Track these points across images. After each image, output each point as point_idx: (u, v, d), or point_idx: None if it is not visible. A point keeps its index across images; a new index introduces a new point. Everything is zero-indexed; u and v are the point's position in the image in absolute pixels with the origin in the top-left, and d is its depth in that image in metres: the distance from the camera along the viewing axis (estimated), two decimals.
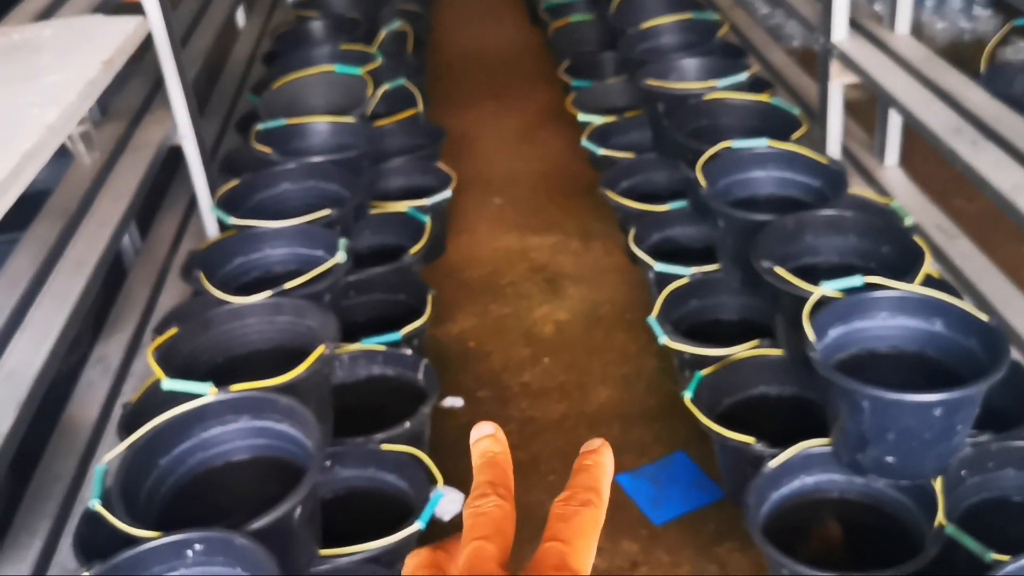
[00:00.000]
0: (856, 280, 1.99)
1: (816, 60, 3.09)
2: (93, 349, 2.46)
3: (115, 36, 1.88)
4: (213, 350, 2.09)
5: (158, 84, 2.80)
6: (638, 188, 3.12)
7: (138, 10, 2.49)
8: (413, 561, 0.54)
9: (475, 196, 3.57)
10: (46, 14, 2.32)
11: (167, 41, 2.48)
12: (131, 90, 2.82)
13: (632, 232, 2.78)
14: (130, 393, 2.28)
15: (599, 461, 0.55)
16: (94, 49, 1.82)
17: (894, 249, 2.18)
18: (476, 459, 0.57)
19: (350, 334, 2.39)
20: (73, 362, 2.43)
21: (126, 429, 2.03)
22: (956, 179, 2.48)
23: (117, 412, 2.20)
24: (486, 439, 0.58)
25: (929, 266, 2.11)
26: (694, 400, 2.13)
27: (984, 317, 1.86)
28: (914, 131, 2.59)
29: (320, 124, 2.93)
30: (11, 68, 1.77)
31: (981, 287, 2.41)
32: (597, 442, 0.57)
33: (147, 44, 2.46)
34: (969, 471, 1.89)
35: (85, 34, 1.92)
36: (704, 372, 2.21)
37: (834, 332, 1.96)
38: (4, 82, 1.72)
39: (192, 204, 3.01)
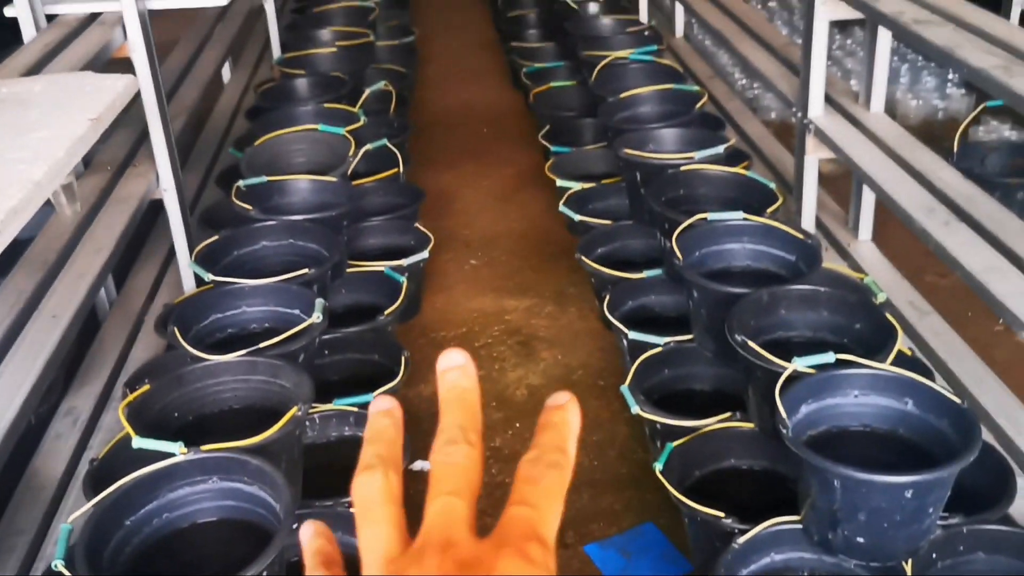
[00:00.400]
0: (828, 357, 2.00)
1: (792, 132, 3.15)
2: (63, 400, 2.45)
3: (105, 94, 1.89)
4: (185, 407, 2.08)
5: (142, 136, 2.81)
6: (614, 255, 3.15)
7: (128, 66, 2.52)
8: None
9: (452, 256, 3.59)
10: (36, 68, 2.34)
11: (154, 97, 2.50)
12: (115, 142, 2.82)
13: (607, 299, 2.79)
14: (98, 447, 2.26)
15: (566, 419, 0.52)
16: (83, 106, 1.83)
17: (867, 326, 2.21)
18: (444, 393, 0.53)
19: (322, 393, 2.38)
20: (42, 413, 2.41)
21: (93, 485, 2.01)
22: (927, 254, 2.52)
23: (84, 467, 2.18)
24: (455, 371, 0.53)
25: (901, 344, 2.13)
26: (664, 471, 2.14)
27: (956, 399, 1.88)
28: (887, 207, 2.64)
29: (301, 182, 2.95)
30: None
31: (952, 365, 2.44)
32: (564, 396, 0.52)
33: (134, 96, 2.47)
34: (940, 554, 1.89)
35: (75, 90, 1.94)
36: (676, 443, 2.21)
37: (806, 408, 1.98)
38: None
39: (169, 256, 3.01)
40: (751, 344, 2.08)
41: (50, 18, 2.76)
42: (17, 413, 1.83)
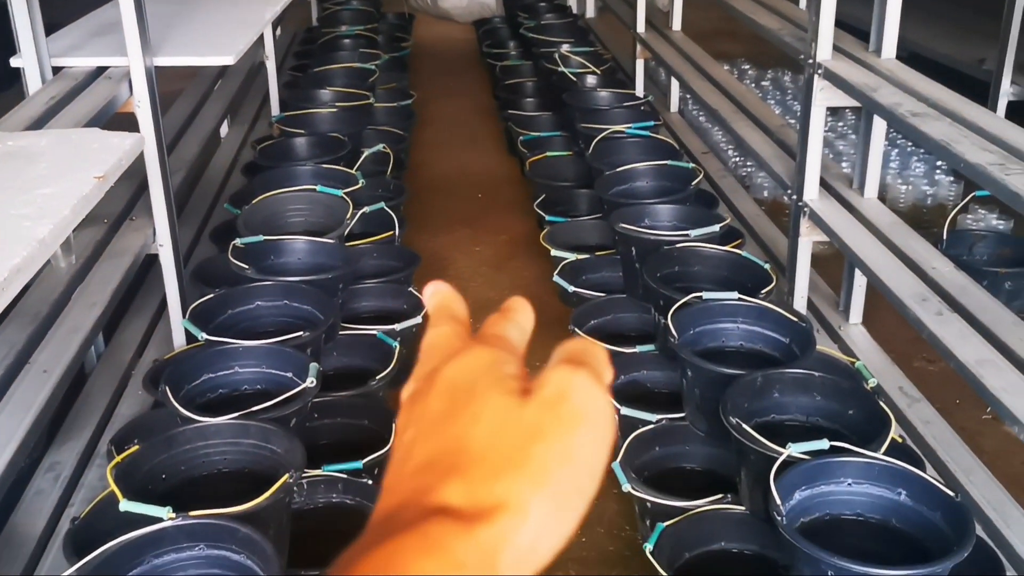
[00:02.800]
0: (823, 444, 2.00)
1: (783, 212, 3.17)
2: (45, 455, 2.41)
3: (111, 152, 1.89)
4: (173, 469, 2.06)
5: (140, 189, 2.81)
6: (607, 327, 3.15)
7: (131, 119, 2.52)
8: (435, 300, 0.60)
9: None
10: (41, 121, 2.34)
11: (156, 153, 2.50)
12: (113, 194, 2.80)
13: None
14: (80, 505, 2.23)
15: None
16: (89, 163, 1.83)
17: (860, 412, 2.21)
18: (429, 304, 0.60)
19: (311, 457, 2.35)
20: (23, 467, 2.38)
21: (74, 544, 1.98)
22: (916, 339, 2.54)
23: (65, 524, 2.15)
24: (440, 292, 0.61)
25: (893, 431, 2.14)
26: (654, 552, 2.12)
27: (950, 491, 1.88)
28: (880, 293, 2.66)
29: (298, 243, 2.95)
30: (4, 177, 1.77)
31: (942, 455, 2.44)
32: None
33: None
34: None
35: (81, 147, 1.94)
36: (666, 523, 2.20)
37: (799, 495, 1.97)
38: None
39: (160, 310, 3.00)
40: (745, 427, 2.08)
41: (56, 70, 2.77)
42: (3, 470, 1.80)
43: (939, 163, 4.61)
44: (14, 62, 2.69)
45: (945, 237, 3.27)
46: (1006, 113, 4.23)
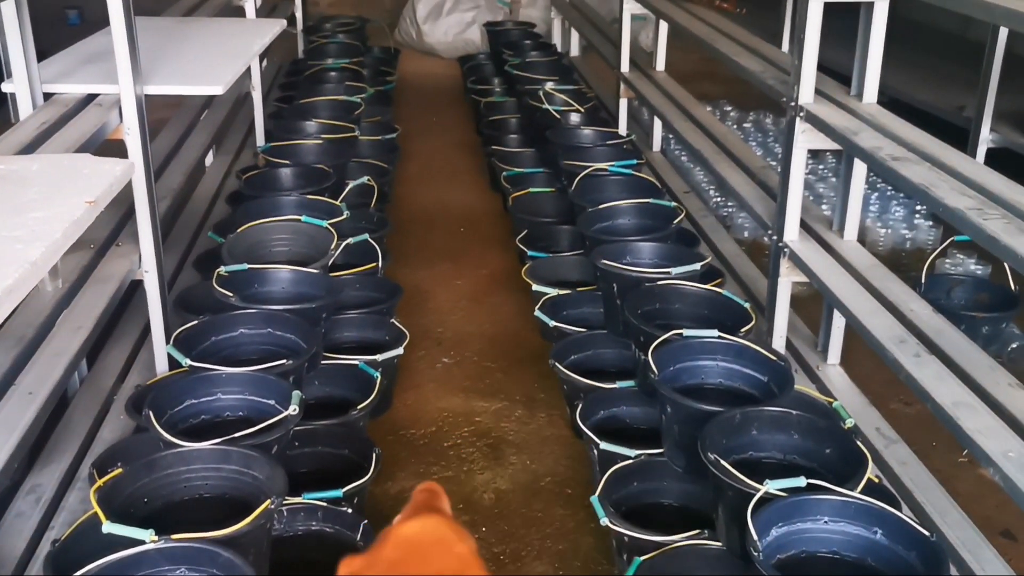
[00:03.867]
0: (800, 481, 2.03)
1: (763, 252, 3.21)
2: (26, 477, 2.41)
3: (102, 178, 1.91)
4: (155, 493, 2.06)
5: (127, 216, 2.83)
6: (587, 363, 3.17)
7: (120, 147, 2.54)
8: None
9: (424, 354, 3.60)
10: (32, 146, 2.36)
11: (144, 181, 2.52)
12: (100, 220, 2.80)
13: (579, 407, 2.81)
14: (62, 527, 2.22)
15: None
16: (80, 188, 1.85)
17: (837, 452, 2.24)
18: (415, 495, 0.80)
19: (291, 485, 2.35)
20: (3, 489, 2.37)
21: (54, 566, 1.98)
22: (893, 381, 2.57)
23: (46, 547, 2.14)
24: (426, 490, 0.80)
25: (870, 471, 2.16)
26: None
27: (925, 531, 1.90)
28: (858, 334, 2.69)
29: (283, 272, 2.96)
30: None
31: (918, 496, 2.46)
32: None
33: None
34: None
35: (72, 172, 1.96)
36: (643, 558, 2.21)
37: (776, 532, 1.99)
38: None
39: (143, 336, 3.00)
40: (723, 463, 2.10)
41: (47, 96, 2.79)
42: None
43: (919, 207, 4.68)
44: (5, 87, 2.71)
45: (924, 281, 3.32)
46: (985, 160, 4.31)
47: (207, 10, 4.48)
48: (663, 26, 5.00)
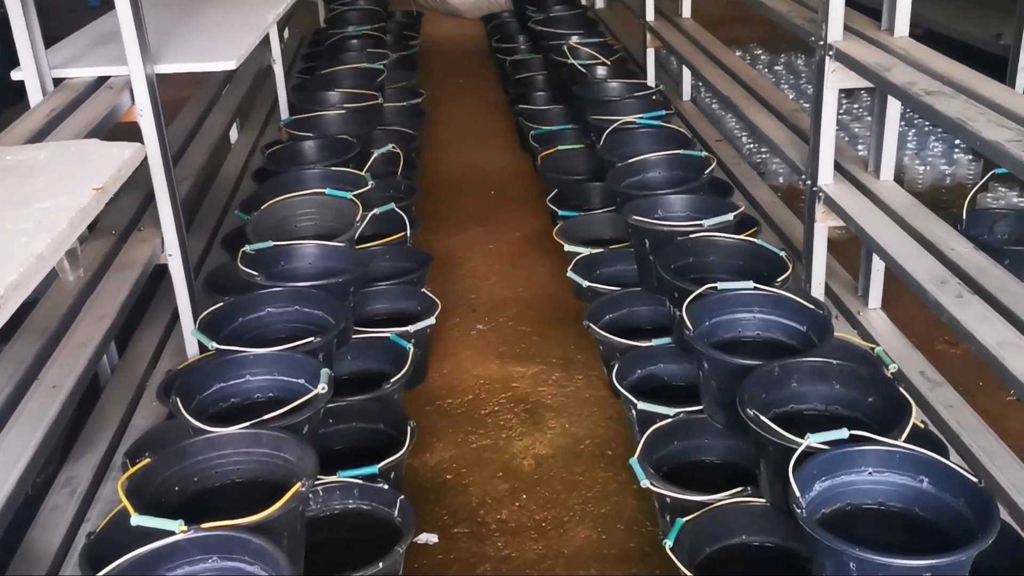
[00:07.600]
0: (842, 433, 1.97)
1: (799, 197, 3.13)
2: (61, 470, 2.40)
3: (110, 162, 1.87)
4: (186, 481, 2.04)
5: (148, 199, 2.80)
6: (622, 321, 3.12)
7: (135, 130, 2.51)
8: None
9: (459, 321, 3.56)
10: (42, 133, 2.33)
11: (161, 162, 2.49)
12: (120, 206, 2.81)
13: (616, 367, 2.76)
14: (97, 519, 2.21)
15: None
16: (88, 175, 1.81)
17: (880, 400, 2.17)
18: None
19: (326, 463, 2.33)
20: (39, 483, 2.37)
21: (90, 560, 1.97)
22: (937, 322, 2.49)
23: (81, 540, 2.14)
24: None
25: (915, 416, 2.09)
26: (675, 548, 2.09)
27: (973, 477, 1.84)
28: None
29: (308, 247, 2.93)
30: (2, 192, 1.76)
31: (966, 439, 2.40)
32: None
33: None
34: None
35: (80, 158, 1.92)
36: (686, 519, 2.17)
37: (819, 485, 1.94)
38: None
39: (173, 321, 2.98)
40: (763, 419, 2.04)
41: (57, 81, 2.76)
42: (14, 488, 1.79)
43: (958, 142, 4.55)
44: (15, 75, 2.68)
45: (964, 217, 3.21)
46: None
47: None
48: None
